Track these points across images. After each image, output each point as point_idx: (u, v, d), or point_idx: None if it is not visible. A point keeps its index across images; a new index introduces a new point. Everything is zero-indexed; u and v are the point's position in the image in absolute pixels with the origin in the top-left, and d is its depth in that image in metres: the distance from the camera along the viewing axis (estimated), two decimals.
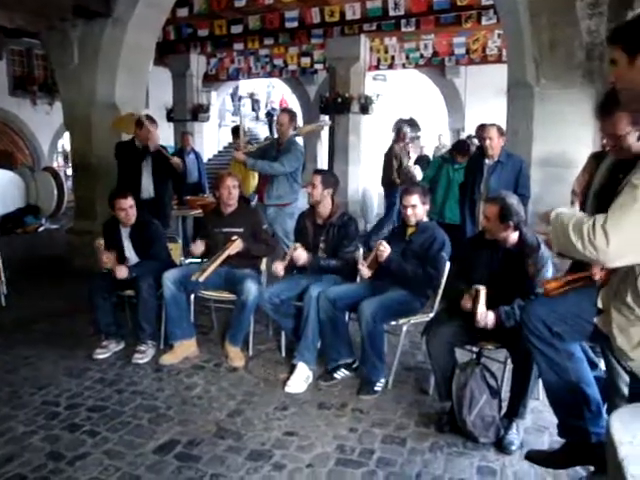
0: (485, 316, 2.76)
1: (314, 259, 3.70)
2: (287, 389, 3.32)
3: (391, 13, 8.19)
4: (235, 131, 7.28)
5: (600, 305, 1.84)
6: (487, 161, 4.47)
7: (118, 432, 2.82)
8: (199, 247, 3.95)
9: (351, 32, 9.85)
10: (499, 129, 4.48)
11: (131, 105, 5.98)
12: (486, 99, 14.21)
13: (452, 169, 5.48)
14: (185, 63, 12.73)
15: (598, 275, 1.98)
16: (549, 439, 2.79)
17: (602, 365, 2.57)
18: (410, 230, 3.52)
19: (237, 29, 9.46)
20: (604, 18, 4.22)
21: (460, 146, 5.79)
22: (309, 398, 3.24)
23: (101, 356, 3.76)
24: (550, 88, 4.37)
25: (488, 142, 4.40)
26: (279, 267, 3.70)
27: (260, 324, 4.15)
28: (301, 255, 3.65)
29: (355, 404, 3.17)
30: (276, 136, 5.37)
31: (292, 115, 5.17)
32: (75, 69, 5.92)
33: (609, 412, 2.12)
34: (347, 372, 3.50)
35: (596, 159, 3.11)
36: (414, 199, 3.44)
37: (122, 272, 3.75)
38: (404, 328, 3.39)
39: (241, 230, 3.91)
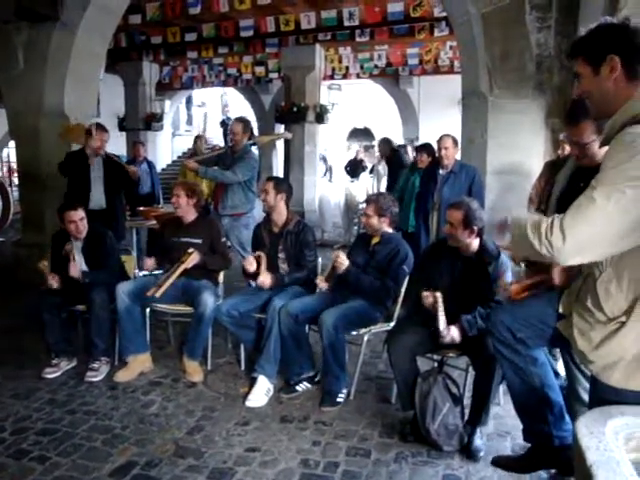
0: (448, 332, 2.77)
1: (279, 279, 3.64)
2: (248, 403, 3.25)
3: (346, 23, 8.25)
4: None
5: (561, 310, 1.87)
6: (441, 171, 4.58)
7: (70, 456, 2.67)
8: (151, 263, 3.84)
9: (306, 41, 9.90)
10: (454, 139, 4.59)
11: (81, 113, 5.78)
12: (439, 109, 14.52)
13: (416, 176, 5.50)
14: (137, 71, 12.51)
15: (558, 280, 2.00)
16: (511, 444, 2.81)
17: (562, 373, 2.62)
18: (374, 240, 3.51)
19: (191, 37, 9.35)
20: (552, 32, 4.36)
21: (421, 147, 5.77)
22: (270, 412, 3.18)
23: (51, 375, 3.58)
24: (503, 97, 4.47)
25: (444, 152, 4.50)
26: (267, 280, 3.60)
27: (219, 337, 4.05)
28: (266, 280, 3.59)
29: (318, 416, 3.12)
30: (230, 145, 5.31)
31: (246, 124, 5.11)
32: (21, 75, 5.68)
33: (570, 418, 2.15)
34: (309, 385, 3.46)
35: (551, 167, 3.20)
36: (369, 209, 3.47)
37: (75, 270, 3.62)
38: (365, 338, 3.37)
39: (199, 241, 3.82)
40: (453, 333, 2.78)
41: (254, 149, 5.70)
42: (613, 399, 1.58)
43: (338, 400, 3.24)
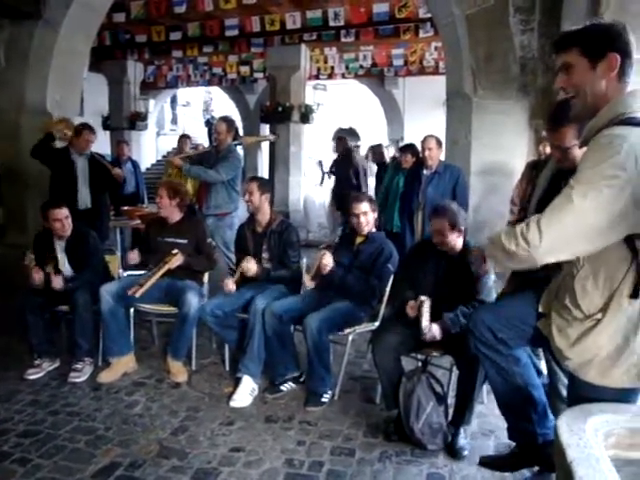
0: (430, 329, 2.79)
1: (264, 271, 3.64)
2: (232, 403, 3.24)
3: (331, 23, 8.26)
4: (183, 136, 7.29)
5: (541, 309, 1.89)
6: (425, 172, 4.64)
7: (52, 458, 2.65)
8: (135, 257, 3.82)
9: (291, 41, 9.89)
10: (438, 140, 4.63)
11: (64, 112, 5.70)
12: (424, 110, 14.59)
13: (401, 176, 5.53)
14: (122, 69, 12.39)
15: None
16: (495, 442, 2.84)
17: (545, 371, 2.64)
18: (359, 239, 3.52)
19: (176, 36, 9.30)
20: (535, 34, 4.40)
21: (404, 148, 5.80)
22: (255, 412, 3.17)
23: (33, 376, 3.54)
24: (487, 98, 4.50)
25: (428, 152, 4.56)
26: (230, 284, 3.61)
27: (203, 337, 4.03)
28: (251, 267, 3.59)
29: (302, 416, 3.12)
30: (214, 144, 5.32)
31: (230, 123, 5.11)
32: (2, 72, 5.60)
33: (552, 415, 2.18)
34: (293, 385, 3.46)
35: (533, 168, 3.23)
36: (364, 206, 3.45)
37: (57, 282, 3.57)
38: (349, 338, 3.37)
39: (185, 241, 3.80)
40: (435, 331, 2.81)
41: (239, 149, 5.70)
42: (590, 395, 1.61)
43: (323, 400, 3.25)
